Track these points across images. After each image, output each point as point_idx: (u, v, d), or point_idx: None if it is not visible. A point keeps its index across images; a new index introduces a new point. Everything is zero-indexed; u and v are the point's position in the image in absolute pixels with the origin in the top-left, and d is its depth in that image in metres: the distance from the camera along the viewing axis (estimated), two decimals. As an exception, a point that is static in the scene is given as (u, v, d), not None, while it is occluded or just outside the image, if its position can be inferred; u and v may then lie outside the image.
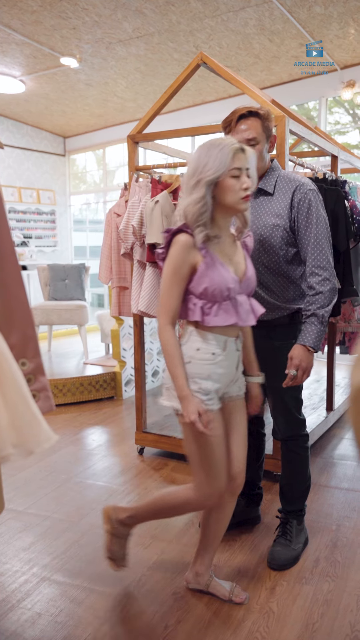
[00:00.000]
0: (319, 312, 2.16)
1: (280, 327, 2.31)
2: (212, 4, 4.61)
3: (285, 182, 2.27)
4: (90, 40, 5.31)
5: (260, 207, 2.27)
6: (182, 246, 1.79)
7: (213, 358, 1.86)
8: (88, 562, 2.36)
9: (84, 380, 4.74)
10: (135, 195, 3.30)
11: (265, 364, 2.20)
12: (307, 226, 2.21)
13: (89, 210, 9.20)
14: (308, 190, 2.23)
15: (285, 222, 2.22)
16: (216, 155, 1.76)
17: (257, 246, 2.23)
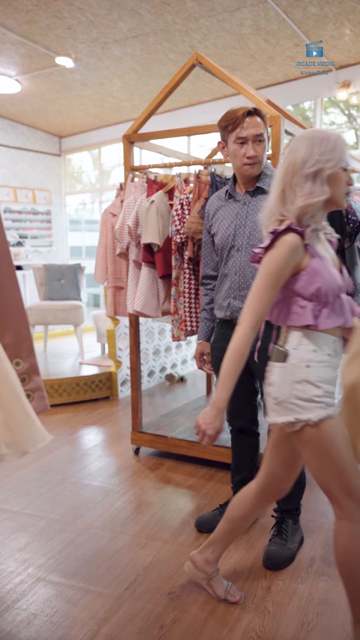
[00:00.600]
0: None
1: (275, 326, 2.32)
2: (208, 4, 4.62)
3: None
4: (85, 40, 5.31)
5: (260, 205, 2.29)
6: (290, 247, 1.63)
7: (329, 360, 1.67)
8: (84, 562, 2.36)
9: (79, 380, 4.73)
10: (131, 195, 3.30)
11: (263, 364, 2.22)
12: None
13: (85, 210, 9.20)
14: None
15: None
16: (333, 147, 1.64)
17: (259, 243, 2.25)
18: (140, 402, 3.53)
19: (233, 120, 2.22)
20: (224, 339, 2.41)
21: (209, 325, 2.57)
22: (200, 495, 2.98)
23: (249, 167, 2.24)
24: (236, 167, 2.27)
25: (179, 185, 3.15)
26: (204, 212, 2.48)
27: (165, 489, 3.06)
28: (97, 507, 2.85)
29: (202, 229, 2.82)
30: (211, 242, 2.46)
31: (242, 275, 2.29)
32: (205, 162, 3.14)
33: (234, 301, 2.31)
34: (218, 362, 2.44)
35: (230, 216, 2.32)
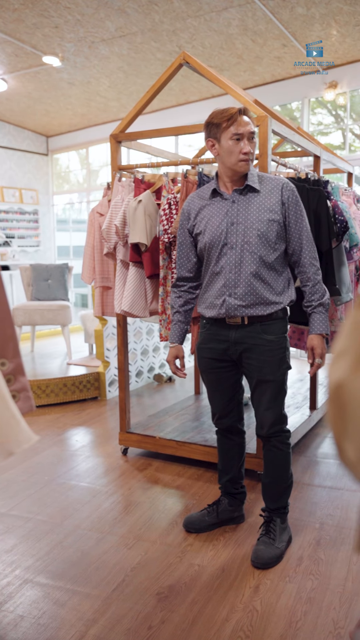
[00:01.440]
0: (324, 300, 2.37)
1: (272, 322, 2.35)
2: (195, 4, 4.62)
3: (268, 180, 2.36)
4: (72, 39, 5.28)
5: (251, 203, 2.30)
6: None
7: None
8: (71, 564, 2.35)
9: (67, 380, 4.71)
10: (118, 194, 3.29)
11: (261, 359, 2.32)
12: (299, 221, 2.33)
13: (73, 209, 9.16)
14: (293, 188, 2.36)
15: (280, 218, 2.30)
16: None
17: (256, 240, 2.27)
18: (128, 403, 3.52)
19: (228, 117, 2.23)
20: (214, 339, 2.40)
21: (183, 328, 2.54)
22: (189, 496, 2.98)
23: (244, 163, 2.26)
24: (231, 164, 2.27)
25: (166, 184, 3.14)
26: (182, 213, 2.45)
27: (154, 490, 3.06)
28: (85, 508, 2.84)
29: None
30: (190, 243, 2.44)
31: (237, 273, 2.28)
32: (192, 161, 3.14)
33: (229, 299, 2.30)
34: (208, 364, 2.44)
35: (220, 214, 2.31)
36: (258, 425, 2.45)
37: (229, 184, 2.34)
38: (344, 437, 0.53)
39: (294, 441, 3.45)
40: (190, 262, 2.48)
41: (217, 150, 2.29)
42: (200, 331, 2.49)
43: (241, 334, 2.34)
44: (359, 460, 0.52)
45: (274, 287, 2.32)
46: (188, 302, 2.53)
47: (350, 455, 0.53)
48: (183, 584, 2.20)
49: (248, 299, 2.28)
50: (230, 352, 2.38)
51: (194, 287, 2.53)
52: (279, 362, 2.34)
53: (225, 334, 2.37)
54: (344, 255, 3.46)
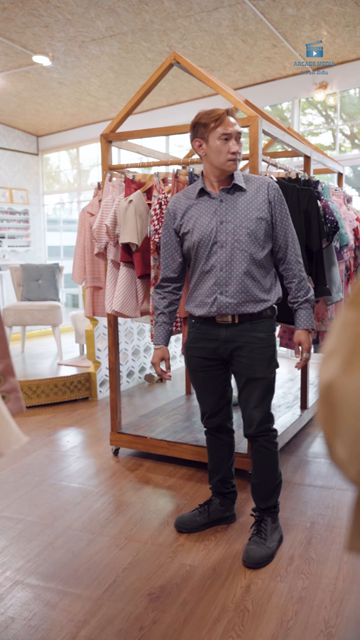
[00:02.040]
0: (310, 297, 2.42)
1: (262, 320, 2.37)
2: (186, 4, 4.61)
3: (253, 180, 2.39)
4: (62, 38, 5.27)
5: (239, 202, 2.32)
6: None
7: None
8: (62, 565, 2.34)
9: (58, 381, 4.70)
10: (109, 194, 3.28)
11: (251, 357, 2.34)
12: (285, 219, 2.37)
13: (63, 209, 9.13)
14: (277, 186, 2.39)
15: (268, 216, 2.33)
16: None
17: (246, 239, 2.28)
18: (119, 403, 3.51)
19: (216, 118, 2.25)
20: (204, 338, 2.40)
21: (168, 329, 2.54)
22: (180, 496, 2.97)
23: (233, 163, 2.27)
24: (219, 163, 2.28)
25: (157, 184, 3.14)
26: (167, 213, 2.45)
27: (145, 490, 3.05)
28: (76, 509, 2.83)
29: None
30: (176, 243, 2.44)
31: (228, 271, 2.29)
32: (183, 161, 3.13)
33: (220, 297, 2.31)
34: (198, 362, 2.45)
35: (208, 213, 2.32)
36: (246, 424, 2.45)
37: (215, 183, 2.35)
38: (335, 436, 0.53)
39: (285, 440, 3.46)
40: (176, 263, 2.47)
41: (204, 150, 2.30)
42: (189, 330, 2.49)
43: (232, 332, 2.35)
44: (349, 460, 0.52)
45: (263, 285, 2.35)
46: (172, 303, 2.53)
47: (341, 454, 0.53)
48: (174, 584, 2.20)
49: (239, 296, 2.30)
50: (220, 350, 2.39)
51: (178, 288, 2.53)
52: (269, 359, 2.38)
53: (215, 332, 2.37)
54: (335, 255, 3.47)
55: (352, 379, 0.52)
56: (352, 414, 0.52)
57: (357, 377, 0.52)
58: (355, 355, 0.52)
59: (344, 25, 4.95)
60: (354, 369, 0.52)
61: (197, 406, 4.11)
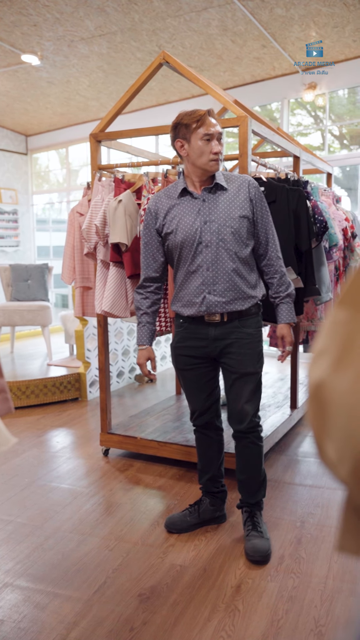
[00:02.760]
0: (291, 291, 2.46)
1: (250, 317, 2.40)
2: (175, 4, 4.61)
3: (233, 178, 2.41)
4: (51, 37, 5.24)
5: (221, 201, 2.33)
6: None
7: None
8: (52, 566, 2.32)
9: (47, 381, 4.68)
10: (98, 194, 3.27)
11: (242, 353, 2.36)
12: (265, 217, 2.40)
13: (52, 209, 9.10)
14: (257, 184, 2.42)
15: (250, 214, 2.35)
16: None
17: (230, 237, 2.30)
18: (109, 403, 3.50)
19: (198, 118, 2.26)
20: (193, 337, 2.41)
21: (152, 329, 2.54)
22: (170, 496, 2.97)
23: (215, 163, 2.29)
24: (201, 164, 2.29)
25: (146, 184, 3.14)
26: (148, 213, 2.44)
27: (135, 490, 3.05)
28: (66, 510, 2.82)
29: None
30: (158, 243, 2.44)
31: (215, 270, 2.30)
32: (173, 161, 3.13)
33: (209, 296, 2.31)
34: (187, 361, 2.44)
35: (192, 213, 2.32)
36: (236, 420, 2.46)
37: (197, 183, 2.35)
38: (324, 436, 0.53)
39: (275, 440, 3.47)
40: (157, 262, 2.47)
41: (186, 150, 2.31)
42: (177, 330, 2.49)
43: (221, 330, 2.36)
44: (339, 460, 0.52)
45: (249, 281, 2.38)
46: (155, 302, 2.53)
47: (331, 454, 0.53)
48: (165, 584, 2.19)
49: (228, 294, 2.31)
50: (209, 349, 2.40)
51: (160, 288, 2.54)
52: (258, 354, 2.42)
53: (204, 332, 2.38)
54: (324, 255, 3.48)
55: (341, 379, 0.52)
56: (342, 413, 0.52)
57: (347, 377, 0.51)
58: (345, 354, 0.52)
59: (333, 25, 4.97)
60: (344, 368, 0.52)
61: (187, 406, 4.11)
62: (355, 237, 4.19)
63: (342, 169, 6.39)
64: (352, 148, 6.46)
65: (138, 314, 2.54)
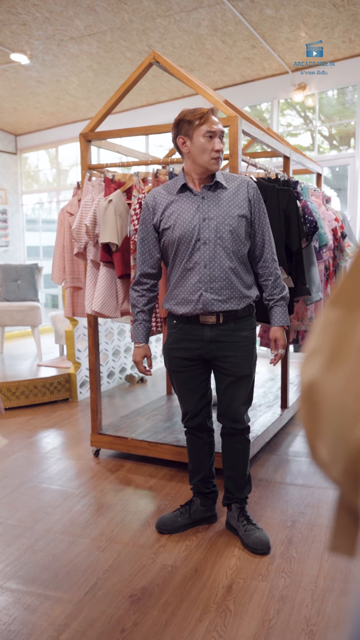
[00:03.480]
0: (285, 294, 2.46)
1: (244, 319, 2.40)
2: (165, 4, 4.61)
3: (232, 178, 2.41)
4: (41, 36, 5.22)
5: (220, 199, 2.33)
6: None
7: None
8: (42, 568, 2.31)
9: (37, 382, 4.65)
10: (88, 194, 3.26)
11: (238, 356, 2.37)
12: (263, 218, 2.41)
13: (42, 209, 9.06)
14: (255, 185, 2.42)
15: (248, 214, 2.35)
16: None
17: (228, 236, 2.29)
18: (99, 404, 3.49)
19: (201, 115, 2.26)
20: (187, 339, 2.39)
21: (148, 327, 2.53)
22: (161, 496, 2.96)
23: (216, 161, 2.28)
24: (202, 161, 2.28)
25: (137, 184, 3.13)
26: (145, 208, 2.42)
27: (126, 491, 3.04)
28: (56, 511, 2.80)
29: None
30: (155, 239, 2.42)
31: (212, 268, 2.29)
32: (163, 161, 3.13)
33: (206, 294, 2.30)
34: (180, 363, 2.43)
35: (191, 210, 2.31)
36: (230, 420, 2.48)
37: (197, 180, 2.35)
38: (316, 436, 0.53)
39: (265, 440, 3.47)
40: (153, 258, 2.45)
41: (188, 147, 2.29)
42: (170, 331, 2.47)
43: (216, 332, 2.35)
44: (331, 460, 0.52)
45: (245, 281, 2.38)
46: (151, 300, 2.52)
47: (323, 454, 0.53)
48: (156, 585, 2.19)
49: (224, 293, 2.30)
50: (203, 351, 2.39)
51: (156, 285, 2.52)
52: (252, 356, 2.43)
53: (199, 333, 2.37)
54: (314, 255, 3.49)
55: (334, 379, 0.51)
56: (334, 413, 0.52)
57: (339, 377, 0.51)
58: (337, 354, 0.52)
59: (322, 26, 4.98)
60: (336, 368, 0.52)
61: (178, 407, 4.10)
62: (345, 237, 4.21)
63: (331, 169, 6.42)
64: (342, 149, 6.49)
65: (134, 312, 2.52)
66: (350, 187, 5.88)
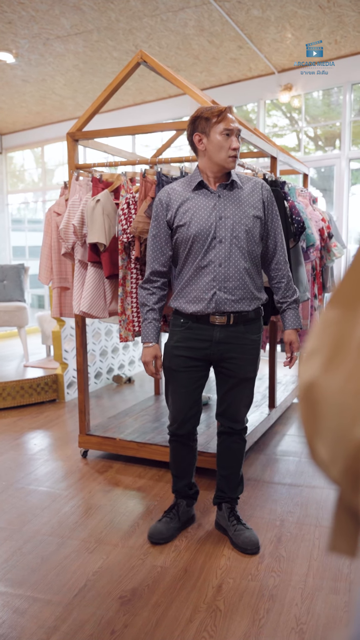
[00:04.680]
0: (297, 297, 2.49)
1: (253, 321, 2.40)
2: (152, 3, 4.60)
3: (246, 179, 2.41)
4: (27, 35, 5.19)
5: (236, 199, 2.31)
6: None
7: None
8: (31, 570, 2.29)
9: (24, 383, 4.62)
10: (76, 194, 3.24)
11: (244, 358, 2.38)
12: (275, 221, 2.41)
13: (28, 209, 9.00)
14: (269, 188, 2.43)
15: (262, 215, 2.35)
16: None
17: (243, 235, 2.28)
18: (87, 404, 3.47)
19: (218, 113, 2.23)
20: (194, 339, 2.36)
21: (158, 326, 2.45)
22: (150, 497, 2.96)
23: (232, 160, 2.26)
24: (219, 159, 2.25)
25: (125, 184, 3.12)
26: (158, 204, 2.37)
27: (114, 492, 3.03)
28: (45, 513, 2.79)
29: (149, 228, 2.77)
30: (168, 235, 2.36)
31: (227, 267, 2.27)
32: (151, 161, 3.12)
33: (219, 292, 2.28)
34: (183, 362, 2.39)
35: (207, 207, 2.28)
36: (231, 420, 2.49)
37: (212, 179, 2.32)
38: (316, 437, 0.53)
39: (254, 439, 3.48)
40: (165, 256, 2.39)
41: (204, 145, 2.26)
42: (175, 330, 2.40)
43: (225, 334, 2.33)
44: (331, 460, 0.52)
45: (257, 283, 2.38)
46: (161, 299, 2.45)
47: (322, 455, 0.52)
48: (146, 586, 2.18)
49: (238, 293, 2.29)
50: (210, 351, 2.36)
51: (166, 283, 2.46)
52: (257, 359, 2.44)
53: (208, 333, 2.34)
54: (302, 256, 3.51)
55: (333, 378, 0.51)
56: (333, 413, 0.52)
57: (338, 377, 0.51)
58: (336, 354, 0.52)
59: (308, 28, 5.01)
60: (335, 368, 0.52)
61: (167, 407, 4.10)
62: (332, 238, 4.23)
63: (316, 170, 6.45)
64: (327, 149, 6.53)
65: (143, 311, 2.44)
66: (336, 187, 5.92)
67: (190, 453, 2.58)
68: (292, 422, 4.16)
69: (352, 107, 5.87)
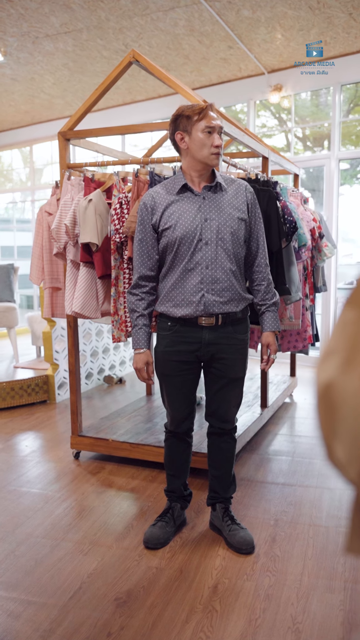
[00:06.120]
0: (277, 300, 2.49)
1: (241, 321, 2.40)
2: (142, 3, 4.59)
3: (230, 180, 2.40)
4: (15, 33, 5.15)
5: (221, 201, 2.31)
6: None
7: None
8: (25, 573, 2.27)
9: (14, 384, 4.59)
10: (68, 193, 3.22)
11: (233, 358, 2.37)
12: (258, 223, 2.41)
13: (16, 209, 8.94)
14: (252, 190, 2.42)
15: (247, 217, 2.35)
16: None
17: (229, 237, 2.28)
18: (79, 405, 3.45)
19: (199, 111, 2.23)
20: (183, 342, 2.35)
21: (149, 332, 2.44)
22: (144, 498, 2.95)
23: (215, 157, 2.25)
24: (202, 157, 2.24)
25: (117, 184, 3.10)
26: (143, 208, 2.36)
27: (108, 493, 3.01)
28: (37, 515, 2.76)
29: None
30: (154, 239, 2.35)
31: (214, 269, 2.26)
32: (143, 161, 3.11)
33: (208, 294, 2.27)
34: (175, 367, 2.38)
35: (192, 210, 2.27)
36: (220, 421, 2.49)
37: (196, 179, 2.31)
38: (333, 437, 0.53)
39: (246, 439, 3.48)
40: (152, 260, 2.37)
41: (186, 143, 2.25)
42: (163, 334, 2.39)
43: (214, 335, 2.32)
44: (348, 461, 0.51)
45: (242, 284, 2.39)
46: (150, 304, 2.43)
47: (340, 455, 0.52)
48: (141, 587, 2.17)
49: (226, 294, 2.29)
50: (200, 352, 2.35)
51: (155, 288, 2.44)
52: (246, 359, 2.45)
53: (197, 335, 2.33)
54: (293, 255, 3.51)
55: (351, 379, 0.51)
56: (351, 414, 0.51)
57: (356, 377, 0.51)
58: (354, 354, 0.51)
59: (298, 28, 5.02)
60: (353, 368, 0.51)
61: (159, 407, 4.09)
62: (323, 238, 4.24)
63: (305, 170, 6.47)
64: (316, 150, 6.56)
65: (133, 317, 2.42)
66: (325, 187, 5.94)
67: (186, 449, 2.58)
68: (284, 422, 4.17)
69: (342, 107, 5.90)
